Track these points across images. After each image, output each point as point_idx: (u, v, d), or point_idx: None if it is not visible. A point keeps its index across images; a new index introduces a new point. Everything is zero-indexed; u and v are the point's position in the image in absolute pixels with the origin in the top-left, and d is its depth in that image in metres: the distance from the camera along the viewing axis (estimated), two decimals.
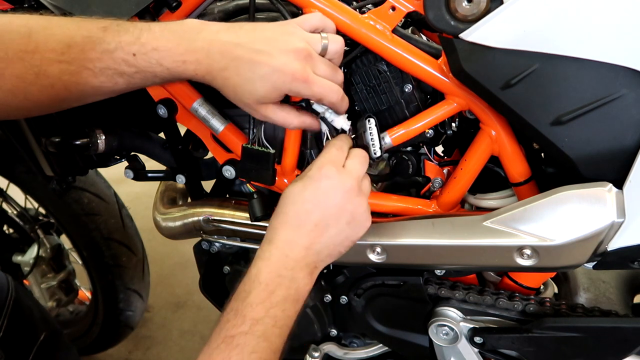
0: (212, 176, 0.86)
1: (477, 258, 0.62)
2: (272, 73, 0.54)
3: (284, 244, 0.56)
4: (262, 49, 0.54)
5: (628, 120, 0.52)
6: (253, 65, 0.54)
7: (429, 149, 0.74)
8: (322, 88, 0.57)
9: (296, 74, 0.54)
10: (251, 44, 0.55)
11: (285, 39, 0.55)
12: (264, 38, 0.55)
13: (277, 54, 0.54)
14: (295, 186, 0.59)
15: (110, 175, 1.38)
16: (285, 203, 0.59)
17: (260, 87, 0.55)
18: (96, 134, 0.81)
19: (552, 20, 0.51)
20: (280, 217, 0.58)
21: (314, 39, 0.58)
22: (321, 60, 0.58)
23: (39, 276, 1.44)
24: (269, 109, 0.58)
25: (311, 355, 0.86)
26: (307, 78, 0.55)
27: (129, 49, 0.52)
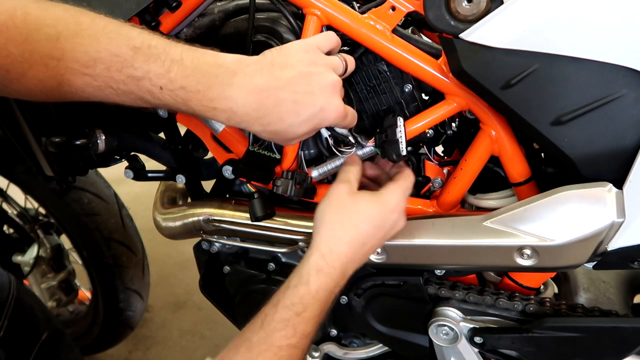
0: (212, 176, 0.86)
1: (477, 258, 0.62)
2: (317, 114, 0.53)
3: (347, 261, 0.57)
4: (303, 90, 0.52)
5: (628, 120, 0.52)
6: (297, 109, 0.52)
7: (429, 149, 0.74)
8: (352, 117, 0.58)
9: (339, 111, 0.55)
10: (291, 86, 0.52)
11: (317, 71, 0.54)
12: (299, 76, 0.53)
13: (319, 92, 0.53)
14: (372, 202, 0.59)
15: (110, 175, 1.38)
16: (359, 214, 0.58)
17: (305, 128, 0.54)
18: (96, 134, 0.81)
19: (552, 20, 0.51)
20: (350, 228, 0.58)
21: (337, 64, 0.57)
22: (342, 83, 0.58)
23: (39, 276, 1.44)
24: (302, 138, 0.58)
25: (311, 355, 0.86)
26: (346, 114, 0.56)
27: (156, 81, 0.49)
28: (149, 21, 0.69)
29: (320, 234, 0.58)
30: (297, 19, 0.68)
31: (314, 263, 0.56)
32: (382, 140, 0.63)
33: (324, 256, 0.56)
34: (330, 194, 0.61)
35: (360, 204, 0.59)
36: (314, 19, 0.64)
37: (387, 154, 0.62)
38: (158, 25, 0.70)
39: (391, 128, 0.63)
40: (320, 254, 0.56)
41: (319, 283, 0.55)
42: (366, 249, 0.59)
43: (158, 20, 0.70)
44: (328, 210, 0.60)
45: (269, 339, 0.51)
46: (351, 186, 0.61)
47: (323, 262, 0.56)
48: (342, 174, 0.63)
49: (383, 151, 0.63)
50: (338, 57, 0.58)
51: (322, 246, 0.57)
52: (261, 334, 0.52)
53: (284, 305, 0.53)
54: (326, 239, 0.57)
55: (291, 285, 0.55)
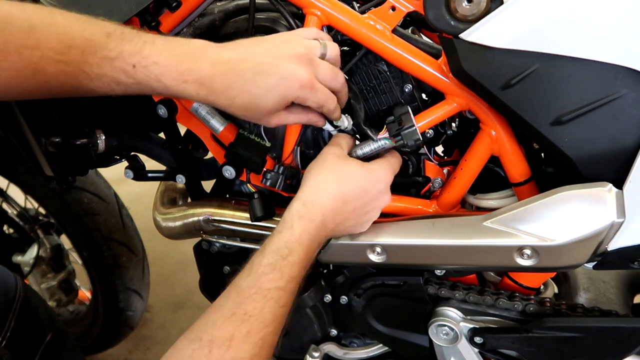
0: (212, 176, 0.86)
1: (477, 258, 0.62)
2: (279, 82, 0.54)
3: (327, 212, 0.59)
4: (265, 60, 0.54)
5: (628, 120, 0.52)
6: (258, 79, 0.54)
7: (429, 149, 0.74)
8: (325, 96, 0.58)
9: (303, 80, 0.55)
10: (253, 57, 0.54)
11: (285, 46, 0.56)
12: (264, 49, 0.55)
13: (281, 62, 0.54)
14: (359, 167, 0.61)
15: (110, 175, 1.38)
16: (346, 174, 0.61)
17: (270, 99, 0.55)
18: (96, 134, 0.81)
19: (552, 20, 0.51)
20: (334, 184, 0.60)
21: (313, 44, 0.58)
22: (322, 64, 0.58)
23: (39, 276, 1.44)
24: (281, 117, 0.59)
25: (311, 355, 0.86)
26: (313, 84, 0.56)
27: (129, 59, 0.52)
28: (149, 21, 0.69)
29: (305, 185, 0.61)
30: (297, 19, 0.68)
31: (296, 210, 0.58)
32: (397, 128, 0.63)
33: (305, 204, 0.59)
34: (320, 155, 0.64)
35: (347, 166, 0.61)
36: (314, 19, 0.64)
37: (404, 140, 0.62)
38: (158, 25, 0.70)
39: (405, 115, 0.63)
40: (303, 202, 0.59)
41: (302, 228, 0.57)
42: (349, 209, 0.61)
43: (158, 20, 0.70)
44: (315, 166, 0.62)
45: (257, 283, 0.53)
46: (341, 149, 0.64)
47: (304, 209, 0.58)
48: (334, 139, 0.66)
49: (399, 139, 0.63)
50: (318, 41, 0.59)
51: (304, 195, 0.60)
52: (250, 279, 0.54)
53: (270, 250, 0.56)
54: (309, 190, 0.60)
55: (276, 232, 0.57)
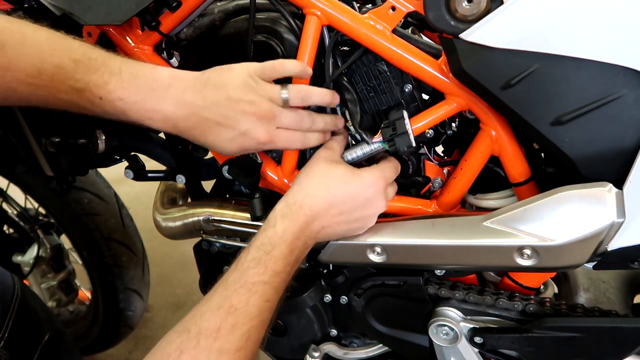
0: (212, 176, 0.86)
1: (477, 258, 0.62)
2: (239, 137, 0.58)
3: (311, 214, 0.60)
4: (227, 114, 0.57)
5: (628, 120, 0.52)
6: (219, 130, 0.58)
7: (429, 149, 0.74)
8: (287, 141, 0.61)
9: (260, 138, 0.59)
10: (216, 108, 0.57)
11: (248, 99, 0.57)
12: (227, 100, 0.57)
13: (242, 119, 0.57)
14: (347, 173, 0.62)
15: (110, 175, 1.38)
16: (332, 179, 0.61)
17: (228, 148, 0.59)
18: (96, 134, 0.81)
19: (552, 20, 0.51)
20: (320, 188, 0.61)
21: (274, 93, 0.59)
22: (285, 115, 0.60)
23: (39, 276, 1.44)
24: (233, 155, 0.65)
25: (311, 355, 0.86)
26: (271, 139, 0.60)
27: (96, 91, 0.53)
28: (149, 21, 0.69)
29: (291, 188, 0.62)
30: (297, 18, 0.68)
31: (280, 210, 0.60)
32: (390, 133, 0.63)
33: (288, 205, 0.60)
34: (312, 158, 0.65)
35: (335, 170, 0.62)
36: (314, 19, 0.64)
37: (397, 146, 0.62)
38: (158, 25, 0.70)
39: (399, 121, 0.63)
40: (286, 203, 0.60)
41: (284, 226, 0.59)
42: (334, 213, 0.61)
43: (158, 20, 0.70)
44: (304, 170, 0.64)
45: (242, 277, 0.55)
46: (333, 153, 0.64)
47: (287, 210, 0.60)
48: (327, 142, 0.66)
49: (392, 144, 0.63)
50: (282, 88, 0.60)
51: (289, 197, 0.61)
52: (235, 274, 0.56)
53: (255, 246, 0.58)
54: (295, 192, 0.61)
55: (260, 230, 0.59)
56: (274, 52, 0.68)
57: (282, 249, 0.58)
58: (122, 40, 0.74)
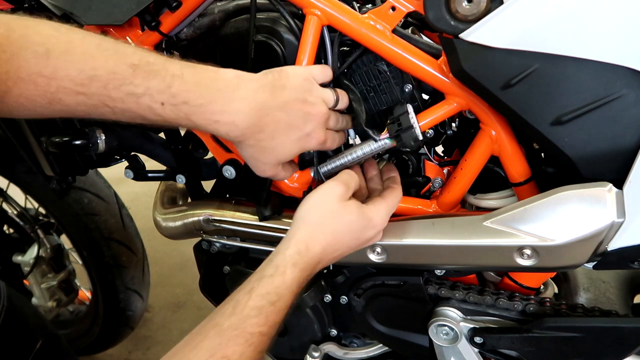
0: (212, 176, 0.86)
1: (477, 258, 0.62)
2: (304, 137, 0.58)
3: (319, 261, 0.58)
4: (297, 115, 0.57)
5: (628, 120, 0.52)
6: (289, 131, 0.57)
7: (429, 149, 0.74)
8: (332, 141, 0.63)
9: (320, 139, 0.60)
10: (287, 108, 0.56)
11: (311, 100, 0.58)
12: (295, 100, 0.57)
13: (308, 118, 0.58)
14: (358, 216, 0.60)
15: (110, 175, 1.38)
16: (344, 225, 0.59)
17: (290, 150, 0.59)
18: (96, 134, 0.81)
19: (552, 20, 0.51)
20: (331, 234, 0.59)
21: (329, 97, 0.61)
22: (332, 116, 0.62)
23: (39, 276, 1.44)
24: (276, 170, 0.62)
25: (311, 355, 0.86)
26: (326, 140, 0.61)
27: (157, 97, 0.49)
28: (149, 21, 0.69)
29: (302, 230, 0.59)
30: (297, 19, 0.68)
31: (291, 257, 0.57)
32: (396, 129, 0.63)
33: (300, 252, 0.57)
34: (322, 193, 0.61)
35: (347, 215, 0.59)
36: (314, 19, 0.64)
37: (404, 141, 0.62)
38: (158, 25, 0.70)
39: (403, 116, 0.63)
40: (298, 249, 0.57)
41: (294, 276, 0.55)
42: (336, 255, 0.61)
43: (158, 20, 0.70)
44: (314, 209, 0.60)
45: (241, 325, 0.51)
46: (346, 191, 0.61)
47: (299, 258, 0.57)
48: (343, 176, 0.63)
49: (399, 140, 0.63)
50: (331, 91, 0.62)
51: (301, 243, 0.58)
52: (233, 319, 0.51)
53: (259, 293, 0.53)
54: (306, 237, 0.58)
55: (266, 275, 0.55)
56: (274, 52, 0.68)
57: (286, 300, 0.55)
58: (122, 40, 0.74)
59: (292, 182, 0.72)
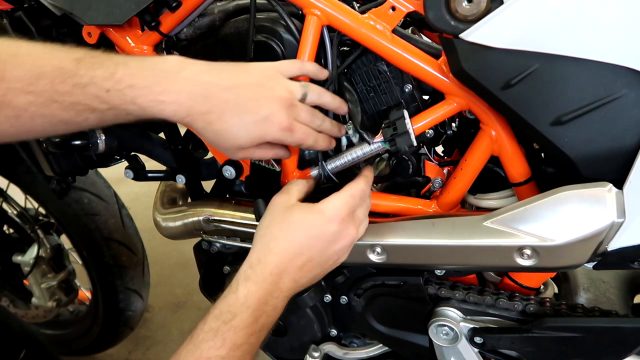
0: (212, 176, 0.86)
1: (477, 258, 0.62)
2: (261, 122, 0.55)
3: (278, 272, 0.56)
4: (249, 96, 0.54)
5: (628, 120, 0.52)
6: (240, 112, 0.54)
7: (429, 149, 0.74)
8: (303, 135, 0.59)
9: (282, 124, 0.55)
10: (237, 89, 0.54)
11: (269, 85, 0.56)
12: (249, 84, 0.55)
13: (264, 102, 0.54)
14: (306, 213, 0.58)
15: (110, 175, 1.38)
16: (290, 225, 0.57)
17: (246, 134, 0.55)
18: (96, 134, 0.81)
19: (552, 20, 0.51)
20: (281, 240, 0.57)
21: (294, 86, 0.58)
22: (302, 108, 0.59)
23: (39, 276, 1.44)
24: (248, 152, 0.58)
25: (311, 355, 0.86)
26: (292, 127, 0.57)
27: (102, 84, 0.49)
28: (149, 21, 0.69)
29: (254, 246, 0.58)
30: (297, 19, 0.68)
31: (242, 273, 0.56)
32: (391, 133, 0.63)
33: (252, 266, 0.56)
34: (268, 207, 0.61)
35: (294, 215, 0.58)
36: (314, 19, 0.64)
37: (398, 146, 0.62)
38: (158, 25, 0.70)
39: (399, 120, 0.63)
40: (250, 264, 0.56)
41: (247, 291, 0.54)
42: (303, 260, 0.57)
43: (158, 21, 0.70)
44: (262, 224, 0.60)
45: (197, 351, 0.50)
46: (289, 198, 0.60)
47: (251, 271, 0.55)
48: (285, 186, 0.64)
49: (393, 144, 0.63)
50: (300, 85, 0.59)
51: (252, 257, 0.57)
52: (189, 347, 0.51)
53: (213, 315, 0.52)
54: (257, 250, 0.57)
55: (220, 297, 0.54)
56: (274, 52, 0.68)
57: (244, 317, 0.52)
58: (122, 40, 0.74)
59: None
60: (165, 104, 0.52)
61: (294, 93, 0.58)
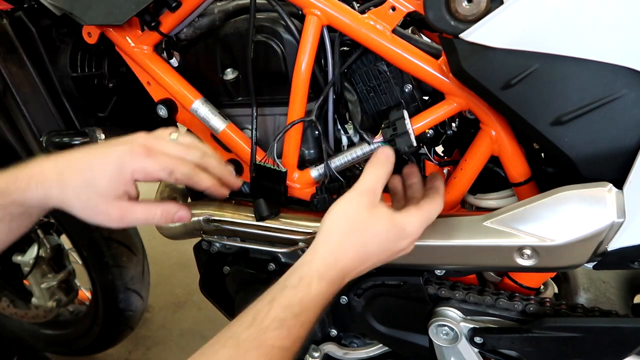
0: None
1: (477, 258, 0.62)
2: (110, 158, 0.53)
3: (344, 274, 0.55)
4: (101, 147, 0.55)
5: (628, 120, 0.52)
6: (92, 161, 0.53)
7: (429, 149, 0.74)
8: (171, 159, 0.54)
9: (134, 149, 0.53)
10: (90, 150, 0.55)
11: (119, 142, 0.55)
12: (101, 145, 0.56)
13: (116, 144, 0.54)
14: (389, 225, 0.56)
15: None
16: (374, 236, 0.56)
17: (102, 177, 0.52)
18: (96, 134, 0.81)
19: (552, 20, 0.51)
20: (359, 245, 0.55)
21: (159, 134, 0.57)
22: (164, 143, 0.56)
23: (39, 276, 1.44)
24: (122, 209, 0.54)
25: (311, 355, 0.86)
26: (150, 150, 0.53)
27: None
28: (149, 21, 0.69)
29: (329, 242, 0.56)
30: (298, 19, 0.68)
31: (317, 270, 0.54)
32: (391, 133, 0.62)
33: (328, 265, 0.54)
34: (349, 201, 0.57)
35: (377, 224, 0.55)
36: (314, 19, 0.64)
37: (398, 146, 0.62)
38: (158, 25, 0.70)
39: (399, 121, 0.62)
40: (325, 262, 0.55)
41: (320, 289, 0.53)
42: (366, 266, 0.57)
43: (158, 21, 0.70)
44: (342, 220, 0.56)
45: (260, 337, 0.48)
46: (374, 197, 0.56)
47: (326, 271, 0.54)
48: (368, 177, 0.58)
49: (393, 144, 0.62)
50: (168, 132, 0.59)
51: (329, 256, 0.55)
52: (252, 330, 0.48)
53: (281, 304, 0.51)
54: (334, 250, 0.55)
55: (289, 286, 0.52)
56: (274, 52, 0.68)
57: (311, 313, 0.52)
58: (121, 40, 0.74)
59: (292, 182, 0.72)
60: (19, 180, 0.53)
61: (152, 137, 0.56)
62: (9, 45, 0.79)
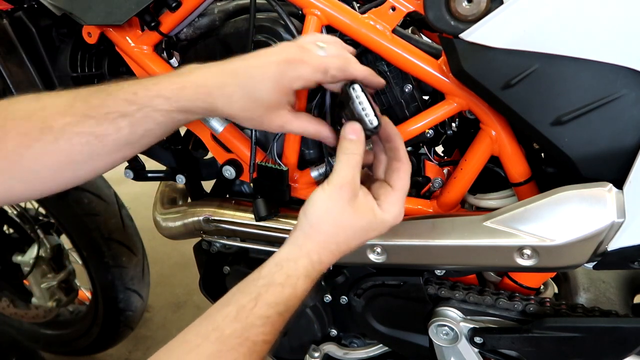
0: (212, 176, 0.86)
1: (477, 258, 0.62)
2: (269, 69, 0.53)
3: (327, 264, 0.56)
4: (257, 57, 0.55)
5: (628, 120, 0.52)
6: (252, 71, 0.54)
7: (429, 149, 0.74)
8: (322, 58, 0.55)
9: (290, 57, 0.54)
10: (245, 60, 0.55)
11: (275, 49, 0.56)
12: (256, 54, 0.55)
13: (271, 54, 0.55)
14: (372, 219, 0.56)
15: (110, 175, 1.37)
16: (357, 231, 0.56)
17: (264, 89, 0.53)
18: None
19: (552, 20, 0.51)
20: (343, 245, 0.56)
21: (306, 42, 0.57)
22: (319, 48, 0.56)
23: (39, 276, 1.44)
24: (283, 118, 0.56)
25: (311, 355, 0.86)
26: (302, 58, 0.54)
27: (130, 89, 0.53)
28: (149, 21, 0.69)
29: (314, 241, 0.56)
30: (297, 19, 0.68)
31: (304, 268, 0.54)
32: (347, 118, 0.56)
33: (313, 264, 0.55)
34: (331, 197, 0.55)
35: (362, 221, 0.56)
36: (314, 19, 0.64)
37: None
38: (158, 25, 0.70)
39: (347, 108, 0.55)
40: (311, 261, 0.55)
41: (305, 287, 0.54)
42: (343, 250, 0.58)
43: (158, 21, 0.70)
44: (328, 218, 0.55)
45: (244, 334, 0.49)
46: (354, 188, 0.55)
47: (312, 269, 0.55)
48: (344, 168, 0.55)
49: None
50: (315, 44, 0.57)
51: (314, 255, 0.55)
52: (236, 326, 0.49)
53: (267, 302, 0.51)
54: (319, 249, 0.56)
55: (275, 282, 0.53)
56: None
57: (293, 310, 0.53)
58: (122, 40, 0.74)
59: (292, 182, 0.72)
60: (187, 89, 0.53)
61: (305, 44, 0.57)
62: (9, 45, 0.79)
